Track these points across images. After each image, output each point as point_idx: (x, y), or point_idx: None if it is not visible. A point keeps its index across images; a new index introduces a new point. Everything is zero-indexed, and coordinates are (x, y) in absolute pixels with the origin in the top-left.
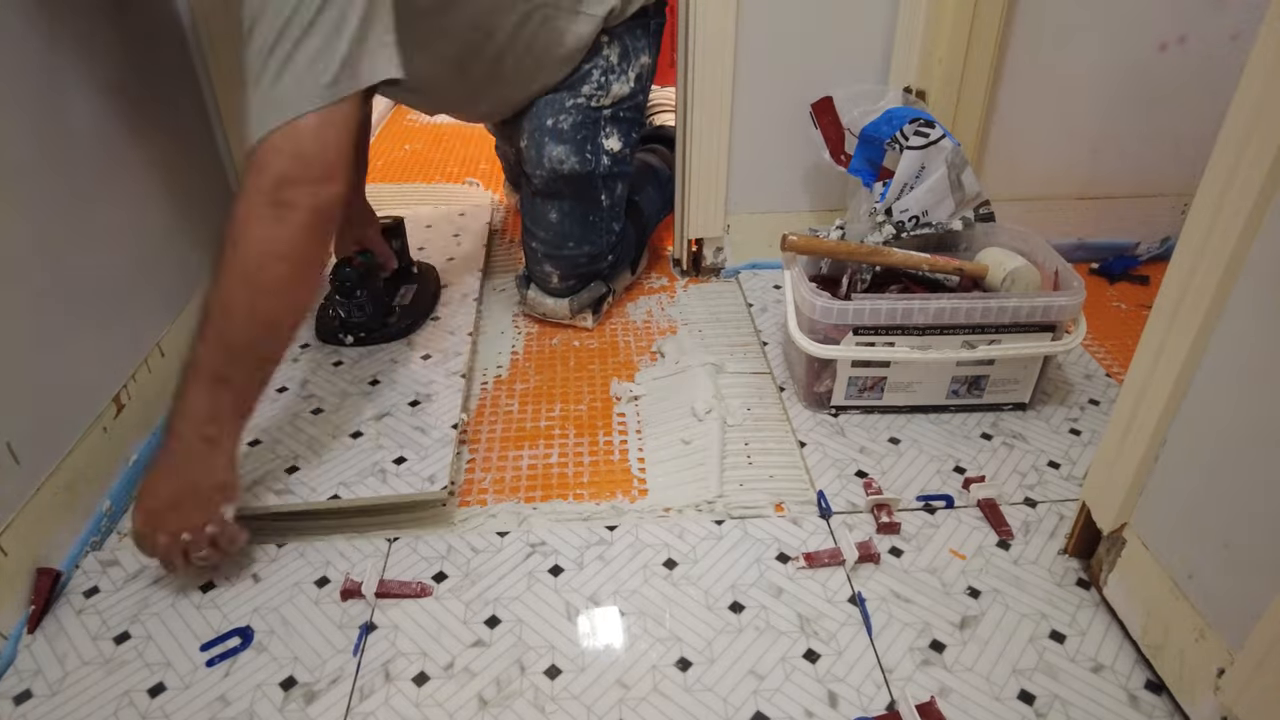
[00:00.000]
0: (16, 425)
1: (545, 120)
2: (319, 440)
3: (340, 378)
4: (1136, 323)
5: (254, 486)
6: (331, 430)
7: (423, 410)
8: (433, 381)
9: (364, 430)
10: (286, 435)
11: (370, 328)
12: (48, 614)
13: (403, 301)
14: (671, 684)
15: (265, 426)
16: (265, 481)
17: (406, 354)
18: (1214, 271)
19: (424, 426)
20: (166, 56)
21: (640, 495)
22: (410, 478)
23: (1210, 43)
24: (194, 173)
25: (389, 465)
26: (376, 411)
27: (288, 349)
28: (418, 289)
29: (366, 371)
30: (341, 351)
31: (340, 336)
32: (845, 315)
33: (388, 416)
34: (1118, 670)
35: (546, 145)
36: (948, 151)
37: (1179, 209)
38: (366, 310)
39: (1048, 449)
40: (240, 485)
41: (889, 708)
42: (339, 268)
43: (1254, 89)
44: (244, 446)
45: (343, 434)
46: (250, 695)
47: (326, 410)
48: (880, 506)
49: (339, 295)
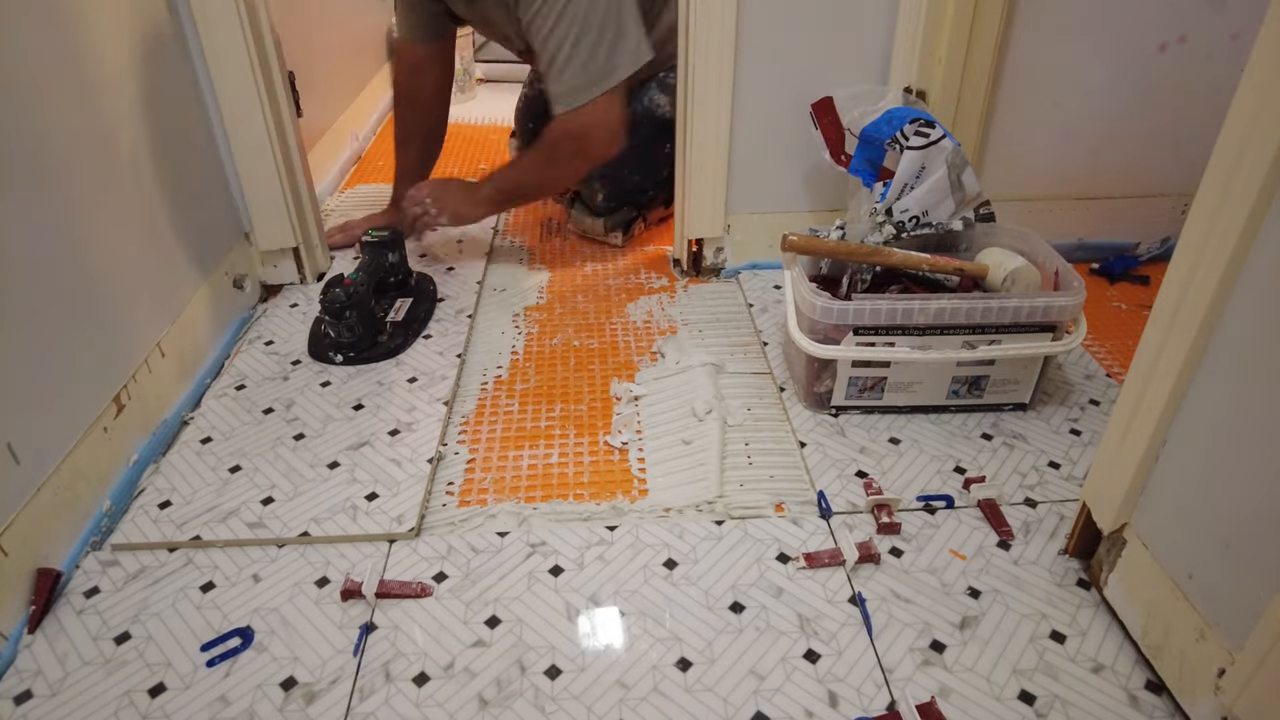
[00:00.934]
0: (16, 425)
1: (659, 74)
2: (297, 470)
3: (326, 400)
4: (1137, 323)
5: (228, 518)
6: (311, 459)
7: (401, 440)
8: (415, 409)
9: (341, 461)
10: (266, 463)
11: (360, 347)
12: (48, 614)
13: (395, 317)
14: (672, 684)
15: (248, 451)
16: (239, 513)
17: (393, 375)
18: (1214, 272)
19: (400, 459)
20: (167, 58)
21: (640, 495)
22: (379, 516)
23: (1210, 43)
24: (195, 175)
25: (360, 501)
26: (356, 440)
27: None
28: (412, 302)
29: (352, 394)
30: (330, 370)
31: (330, 355)
32: (845, 315)
33: (366, 446)
34: (1118, 670)
35: (654, 93)
36: (948, 152)
37: (1179, 209)
38: (356, 331)
39: (1048, 449)
40: (465, 222)
41: (889, 708)
42: (328, 289)
43: (1254, 89)
44: (225, 474)
45: (320, 464)
46: (250, 695)
47: (308, 436)
48: (880, 507)
49: (329, 316)
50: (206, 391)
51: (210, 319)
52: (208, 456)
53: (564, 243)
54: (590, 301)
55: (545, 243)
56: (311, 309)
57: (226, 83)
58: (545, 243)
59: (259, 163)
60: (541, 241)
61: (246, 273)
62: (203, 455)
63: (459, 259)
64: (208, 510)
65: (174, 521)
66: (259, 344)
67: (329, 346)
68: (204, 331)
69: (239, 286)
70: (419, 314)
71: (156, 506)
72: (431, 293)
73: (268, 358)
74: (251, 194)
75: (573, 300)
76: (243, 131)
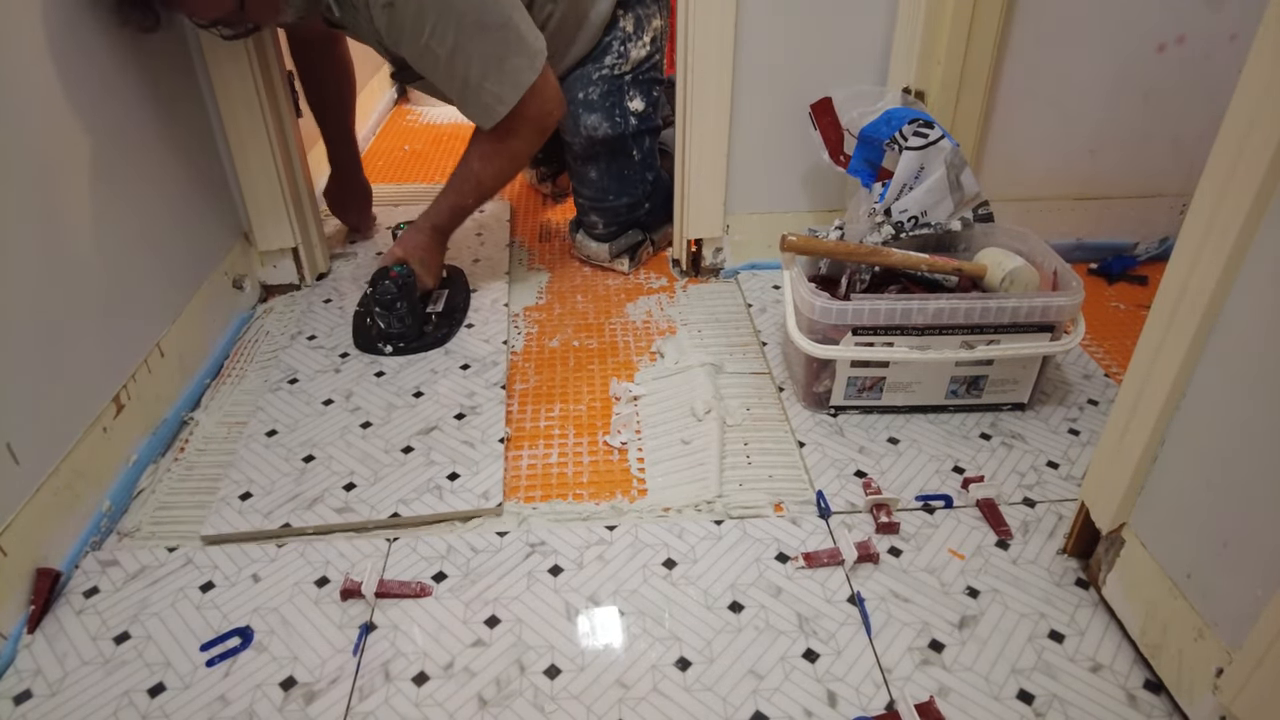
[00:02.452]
0: (16, 425)
1: (576, 94)
2: (372, 455)
3: (384, 389)
4: (1135, 323)
5: (314, 504)
6: (383, 445)
7: (468, 424)
8: (474, 393)
9: (414, 445)
10: (339, 451)
11: (409, 337)
12: (47, 614)
13: (436, 309)
14: (671, 683)
15: (318, 442)
16: (324, 499)
17: (446, 364)
18: (1212, 271)
19: (471, 440)
20: (169, 61)
21: (640, 495)
22: (465, 494)
23: (1208, 43)
24: (195, 175)
25: (443, 481)
26: (424, 425)
27: None
28: (449, 294)
29: (409, 383)
30: (381, 361)
31: (380, 346)
32: (844, 315)
33: (435, 430)
34: (1116, 670)
35: (581, 116)
36: (947, 152)
37: (1177, 209)
38: (406, 321)
39: (1046, 449)
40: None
41: (888, 707)
42: (379, 280)
43: (1252, 89)
44: (300, 464)
45: (394, 449)
46: (250, 695)
47: (375, 424)
48: (879, 506)
49: (379, 308)
50: (265, 387)
51: (210, 319)
52: (277, 449)
53: (563, 243)
54: (589, 302)
55: (545, 243)
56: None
57: (226, 83)
58: (545, 243)
59: (259, 163)
60: (541, 242)
61: (246, 273)
62: (271, 448)
63: (480, 250)
64: (291, 499)
65: (259, 511)
66: (300, 339)
67: (377, 338)
68: (203, 332)
69: (238, 287)
70: (458, 303)
71: (238, 498)
72: (465, 283)
73: (314, 352)
74: (251, 194)
75: (572, 300)
76: (243, 131)
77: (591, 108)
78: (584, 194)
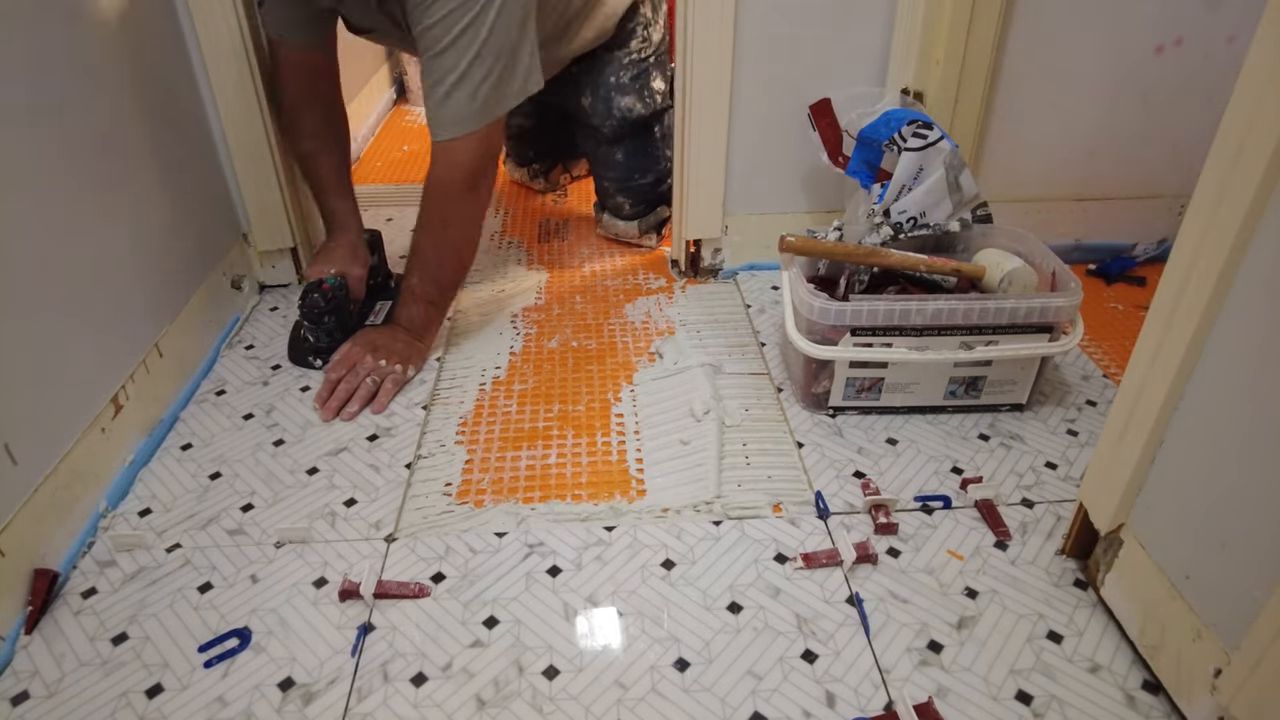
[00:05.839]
0: (15, 426)
1: (609, 78)
2: (276, 476)
3: (304, 405)
4: (1133, 324)
5: (208, 525)
6: (290, 465)
7: (379, 446)
8: (393, 414)
9: (320, 467)
10: (246, 469)
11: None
12: (45, 615)
13: (375, 320)
14: (670, 684)
15: (228, 458)
16: (220, 520)
17: None
18: (1210, 273)
19: (378, 464)
20: (168, 62)
21: (638, 496)
22: (358, 522)
23: (1207, 45)
24: (193, 175)
25: (339, 508)
26: (334, 446)
27: None
28: (393, 305)
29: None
30: (310, 375)
31: (310, 360)
32: (843, 316)
33: (344, 452)
34: (1115, 670)
35: (614, 99)
36: (945, 153)
37: (1176, 210)
38: (335, 336)
39: (1045, 450)
40: (425, 359)
41: (886, 708)
42: (307, 293)
43: (1250, 91)
44: (206, 480)
45: (300, 470)
46: (248, 696)
47: (288, 442)
48: (878, 507)
49: (308, 321)
50: (191, 398)
51: (208, 319)
52: (188, 463)
53: (562, 244)
54: (588, 302)
55: (544, 244)
56: (291, 314)
57: (225, 82)
58: (544, 244)
59: (258, 163)
60: (540, 242)
61: (245, 273)
62: (183, 462)
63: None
64: (188, 518)
65: (154, 529)
66: (239, 348)
67: (308, 351)
68: (202, 332)
69: (237, 287)
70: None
71: (136, 515)
72: None
73: (248, 362)
74: (250, 194)
75: (571, 301)
76: (242, 131)
77: (624, 90)
78: (609, 177)
